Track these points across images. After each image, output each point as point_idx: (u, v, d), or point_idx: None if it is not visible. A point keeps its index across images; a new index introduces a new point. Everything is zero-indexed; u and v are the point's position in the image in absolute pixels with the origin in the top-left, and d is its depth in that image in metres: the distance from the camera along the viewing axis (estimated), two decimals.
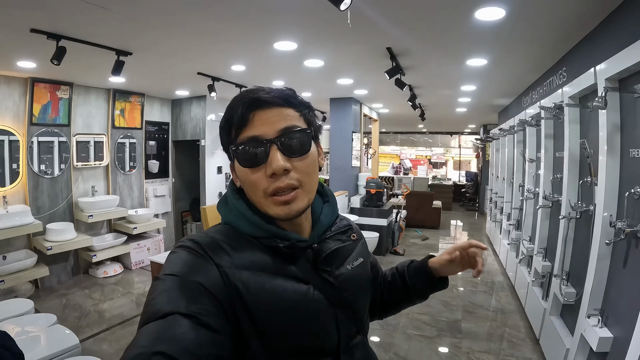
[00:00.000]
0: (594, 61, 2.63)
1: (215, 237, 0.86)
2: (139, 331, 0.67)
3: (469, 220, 11.17)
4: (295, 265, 0.89)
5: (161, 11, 2.91)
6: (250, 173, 0.86)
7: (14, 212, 4.72)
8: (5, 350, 2.02)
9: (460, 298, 5.02)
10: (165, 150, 7.26)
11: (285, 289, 0.84)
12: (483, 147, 11.59)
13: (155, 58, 4.22)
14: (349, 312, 0.95)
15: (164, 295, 0.72)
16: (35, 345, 2.69)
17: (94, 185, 5.92)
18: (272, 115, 0.86)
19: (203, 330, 0.68)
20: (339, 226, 1.03)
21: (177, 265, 0.78)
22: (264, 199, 0.87)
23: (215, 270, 0.78)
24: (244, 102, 0.87)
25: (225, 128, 0.90)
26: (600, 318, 2.47)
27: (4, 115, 4.84)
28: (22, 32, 3.20)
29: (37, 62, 4.26)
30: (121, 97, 6.22)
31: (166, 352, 0.60)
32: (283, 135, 0.85)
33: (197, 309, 0.70)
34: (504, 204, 6.35)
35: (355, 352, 0.96)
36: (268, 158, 0.84)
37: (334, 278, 0.94)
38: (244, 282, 0.80)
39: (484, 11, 2.78)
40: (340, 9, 2.29)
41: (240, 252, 0.85)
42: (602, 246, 2.44)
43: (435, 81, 5.45)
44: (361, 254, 1.07)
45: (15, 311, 3.26)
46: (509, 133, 5.87)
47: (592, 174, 2.73)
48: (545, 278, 3.77)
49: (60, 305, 4.72)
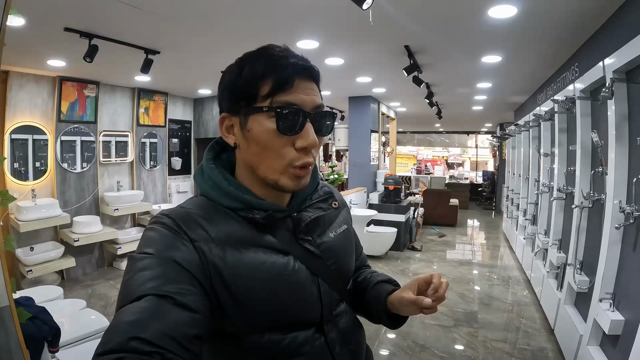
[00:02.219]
0: (603, 55, 2.69)
1: (190, 211, 0.83)
2: (116, 314, 0.65)
3: (486, 218, 11.15)
4: (274, 236, 0.87)
5: (191, 11, 3.04)
6: (278, 139, 0.81)
7: (42, 205, 4.91)
8: (44, 324, 2.17)
9: (476, 291, 5.08)
10: (187, 148, 7.46)
11: (263, 261, 0.82)
12: (499, 145, 11.57)
13: (182, 56, 4.37)
14: (332, 281, 0.94)
15: (139, 275, 0.69)
16: (68, 326, 2.83)
17: (119, 180, 6.12)
18: (311, 87, 0.84)
19: (179, 310, 0.66)
20: (320, 194, 1.00)
21: (151, 242, 0.76)
22: (284, 168, 0.83)
23: (190, 246, 0.76)
24: (294, 65, 0.82)
25: (252, 80, 0.82)
26: (612, 302, 2.52)
27: (33, 113, 5.05)
28: (56, 31, 3.36)
29: (67, 60, 4.45)
30: (145, 96, 6.43)
31: (142, 337, 0.59)
32: (317, 111, 0.84)
33: (172, 288, 0.68)
34: (520, 200, 6.40)
35: (339, 321, 0.95)
36: (302, 131, 0.81)
37: (316, 247, 0.92)
38: (221, 256, 0.78)
39: (497, 9, 2.88)
40: (363, 8, 2.39)
41: (216, 225, 0.82)
42: (613, 232, 2.50)
43: (451, 78, 5.53)
44: (344, 221, 1.05)
45: (45, 297, 3.39)
46: (524, 129, 5.93)
47: (602, 164, 2.80)
48: (559, 269, 3.82)
49: (86, 294, 4.88)
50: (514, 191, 7.17)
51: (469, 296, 4.88)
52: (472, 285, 5.32)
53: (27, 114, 4.99)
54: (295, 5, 2.92)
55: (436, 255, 6.92)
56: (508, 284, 5.39)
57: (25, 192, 4.97)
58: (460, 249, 7.68)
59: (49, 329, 2.20)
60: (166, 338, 0.61)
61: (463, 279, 5.51)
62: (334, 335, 0.92)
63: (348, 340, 0.96)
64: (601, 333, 2.64)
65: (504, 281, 5.48)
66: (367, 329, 1.06)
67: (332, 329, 0.93)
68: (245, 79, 0.83)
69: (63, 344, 2.59)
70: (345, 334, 0.96)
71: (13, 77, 4.83)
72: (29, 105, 5.01)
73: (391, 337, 3.81)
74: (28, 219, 4.70)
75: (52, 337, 2.23)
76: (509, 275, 5.75)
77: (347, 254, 1.03)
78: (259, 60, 0.83)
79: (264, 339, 0.82)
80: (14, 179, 4.91)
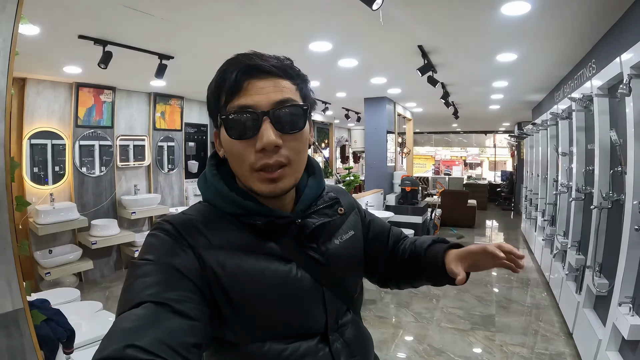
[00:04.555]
0: (620, 50, 2.63)
1: (191, 217, 0.83)
2: (115, 321, 0.65)
3: (504, 219, 11.00)
4: (277, 243, 0.85)
5: (202, 16, 3.07)
6: (238, 145, 0.80)
7: (60, 208, 5.00)
8: (58, 325, 2.21)
9: (494, 294, 5.01)
10: (204, 151, 7.49)
11: (264, 268, 0.81)
12: (518, 145, 11.41)
13: (196, 61, 4.40)
14: (338, 289, 0.92)
15: (138, 282, 0.69)
16: (84, 327, 2.89)
17: (136, 184, 6.20)
18: (267, 85, 0.80)
19: (178, 318, 0.65)
20: (325, 200, 0.96)
21: (151, 249, 0.76)
22: (249, 173, 0.82)
23: (190, 252, 0.76)
24: (238, 67, 0.80)
25: (215, 93, 0.84)
26: (631, 306, 2.46)
27: (50, 118, 5.15)
28: (70, 38, 3.42)
29: (83, 67, 4.52)
30: (161, 100, 6.50)
31: (139, 345, 0.58)
32: (277, 108, 0.79)
33: (171, 295, 0.68)
34: (538, 200, 6.30)
35: (345, 331, 0.93)
36: (259, 131, 0.78)
37: (320, 254, 0.90)
38: (220, 263, 0.77)
39: (509, 6, 2.83)
40: (373, 8, 2.38)
41: (217, 232, 0.81)
42: (632, 233, 2.43)
43: (467, 78, 5.46)
44: (352, 226, 1.03)
45: (62, 299, 3.46)
46: (542, 128, 5.83)
47: (621, 163, 2.73)
48: (579, 271, 3.74)
49: (103, 296, 4.96)
50: (532, 191, 7.06)
51: (486, 299, 4.81)
52: (490, 287, 5.24)
53: (44, 119, 5.09)
54: (307, 8, 2.92)
55: None
56: (526, 286, 5.29)
57: (44, 197, 5.07)
58: None
59: (63, 330, 2.25)
60: (163, 346, 0.60)
61: (481, 282, 5.43)
62: (339, 345, 0.90)
63: (354, 351, 0.93)
64: (620, 338, 2.57)
65: (522, 283, 5.39)
66: (382, 333, 1.04)
67: (337, 339, 0.90)
68: (210, 93, 0.85)
69: (79, 345, 2.63)
70: (351, 344, 0.93)
71: (30, 84, 4.93)
72: (46, 111, 5.11)
73: (408, 339, 3.77)
74: (46, 222, 4.79)
75: (67, 338, 2.28)
76: (527, 277, 5.65)
77: (354, 261, 1.00)
78: (216, 74, 0.85)
79: (264, 348, 0.81)
80: (33, 184, 5.01)
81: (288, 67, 0.85)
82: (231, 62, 0.83)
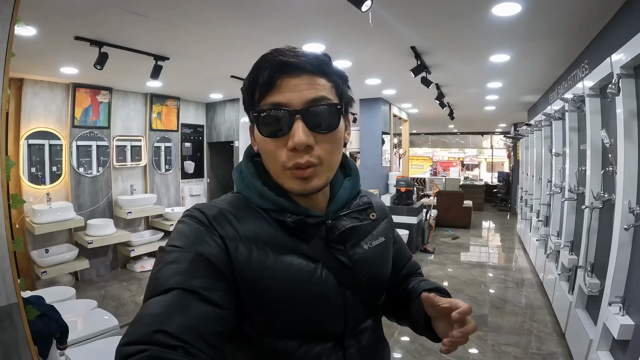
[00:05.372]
0: (612, 51, 2.64)
1: (221, 207, 0.82)
2: (142, 306, 0.65)
3: (501, 220, 11.02)
4: (305, 241, 0.84)
5: (196, 17, 3.09)
6: (270, 142, 0.80)
7: (56, 208, 5.02)
8: (52, 321, 2.23)
9: (488, 294, 5.02)
10: (200, 152, 7.53)
11: (288, 266, 0.80)
12: (514, 146, 11.45)
13: (191, 62, 4.42)
14: (361, 294, 0.89)
15: (167, 268, 0.70)
16: (78, 325, 2.93)
17: (132, 184, 6.22)
18: (301, 82, 0.79)
19: (206, 305, 0.66)
20: (358, 203, 0.94)
21: (181, 236, 0.76)
22: (281, 171, 0.81)
23: (219, 241, 0.76)
24: (272, 64, 0.79)
25: (249, 89, 0.83)
26: (621, 306, 2.46)
27: (47, 119, 5.17)
28: (67, 40, 3.45)
29: (79, 68, 4.54)
30: (158, 101, 6.52)
31: (168, 330, 0.59)
32: (311, 107, 0.78)
33: (200, 283, 0.68)
34: (533, 201, 6.33)
35: (362, 337, 0.90)
36: (291, 130, 0.77)
37: (347, 258, 0.88)
38: (246, 255, 0.77)
39: (501, 6, 2.85)
40: (362, 10, 2.40)
41: (246, 224, 0.81)
42: (622, 233, 2.45)
43: (461, 79, 5.49)
44: (383, 233, 0.99)
45: (58, 297, 3.48)
46: (536, 129, 5.87)
47: (612, 163, 2.75)
48: (571, 271, 3.76)
49: (99, 296, 4.96)
50: (527, 192, 7.10)
51: (480, 299, 4.83)
52: (484, 287, 5.26)
53: (41, 120, 5.11)
54: (300, 8, 2.94)
55: (449, 257, 6.86)
56: (521, 286, 5.31)
57: (41, 196, 5.09)
58: (474, 251, 7.61)
59: (57, 326, 2.29)
60: (191, 333, 0.61)
61: (475, 282, 5.45)
62: (354, 351, 0.88)
63: (369, 358, 0.92)
64: (611, 338, 2.57)
65: (516, 284, 5.41)
66: None
67: (353, 344, 0.88)
68: (245, 89, 0.84)
69: (73, 342, 2.68)
70: (367, 351, 0.91)
71: (27, 85, 4.95)
72: (43, 112, 5.13)
73: (400, 339, 3.79)
74: (43, 221, 4.81)
75: (60, 334, 2.32)
76: (522, 277, 5.68)
77: (382, 268, 0.98)
78: (252, 69, 0.83)
79: (279, 344, 0.80)
80: (30, 184, 5.02)
81: (324, 63, 0.83)
82: (266, 57, 0.82)
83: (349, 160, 0.99)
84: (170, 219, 6.36)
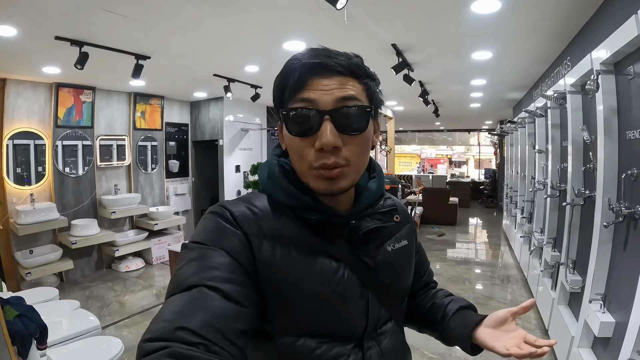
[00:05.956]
0: (592, 47, 2.65)
1: (246, 204, 0.83)
2: (165, 302, 0.66)
3: (487, 217, 11.11)
4: (329, 240, 0.84)
5: (176, 17, 3.07)
6: (298, 142, 0.80)
7: (40, 209, 4.97)
8: (30, 322, 2.21)
9: (472, 291, 5.06)
10: (185, 151, 7.48)
11: (311, 264, 0.80)
12: (500, 143, 11.53)
13: (173, 61, 4.38)
14: (383, 296, 0.90)
15: (190, 265, 0.71)
16: (60, 325, 2.92)
17: (116, 184, 6.16)
18: (332, 83, 0.79)
19: (228, 303, 0.66)
20: (383, 205, 0.95)
21: (205, 232, 0.77)
22: (307, 170, 0.81)
23: (243, 239, 0.76)
24: (303, 64, 0.79)
25: (279, 87, 0.84)
26: (602, 303, 2.47)
27: (30, 119, 5.10)
28: (47, 39, 3.41)
29: (61, 67, 4.49)
30: (142, 100, 6.46)
31: (189, 327, 0.59)
32: (340, 108, 0.78)
33: (223, 280, 0.68)
34: (518, 197, 6.38)
35: (383, 340, 0.90)
36: (319, 130, 0.77)
37: (371, 258, 0.88)
38: (270, 252, 0.78)
39: (479, 3, 2.84)
40: (337, 8, 2.39)
41: (270, 221, 0.81)
42: (603, 230, 2.45)
43: (444, 76, 5.49)
44: (406, 237, 1.00)
45: (41, 297, 3.47)
46: (520, 126, 5.90)
47: (593, 160, 2.76)
48: (554, 268, 3.78)
49: (83, 296, 4.92)
50: (512, 189, 7.14)
51: (464, 296, 4.78)
52: (468, 284, 5.29)
53: (24, 120, 5.04)
54: (280, 6, 2.91)
55: (434, 254, 6.88)
56: (506, 283, 5.35)
57: (24, 197, 5.03)
58: (460, 247, 7.66)
59: (36, 326, 2.30)
60: (212, 330, 0.61)
61: (459, 278, 5.49)
62: (373, 353, 0.87)
63: None
64: (592, 335, 2.59)
65: (501, 280, 5.45)
66: None
67: (373, 346, 0.88)
68: (276, 87, 0.85)
69: (55, 342, 2.69)
70: (387, 355, 0.90)
71: (10, 85, 4.88)
72: (26, 112, 5.06)
73: None
74: (27, 222, 4.77)
75: (40, 334, 2.32)
76: (507, 274, 5.72)
77: (405, 270, 0.99)
78: (284, 67, 0.84)
79: (298, 343, 0.80)
80: (14, 185, 4.97)
81: (355, 65, 0.82)
82: (298, 57, 0.82)
83: (374, 162, 0.99)
84: (155, 218, 6.31)
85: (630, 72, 2.19)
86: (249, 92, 5.83)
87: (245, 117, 7.61)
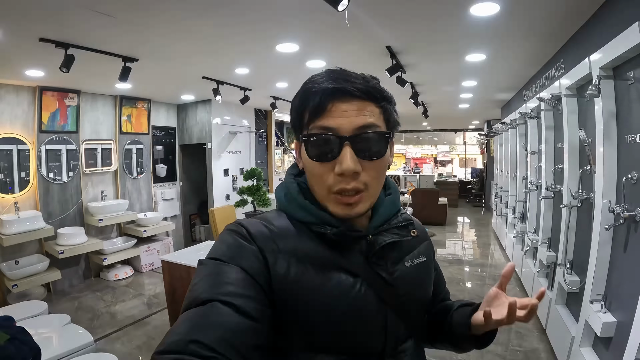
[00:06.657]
0: (589, 51, 2.67)
1: (262, 222, 0.84)
2: (180, 316, 0.67)
3: (475, 216, 11.18)
4: (345, 256, 0.83)
5: (165, 18, 2.98)
6: (318, 166, 0.81)
7: (25, 218, 4.83)
8: (22, 344, 2.12)
9: (466, 292, 5.07)
10: (172, 155, 7.36)
11: (327, 279, 0.79)
12: (487, 143, 11.61)
13: (161, 63, 4.30)
14: (402, 312, 0.88)
15: (205, 280, 0.72)
16: (51, 343, 2.81)
17: (103, 190, 6.02)
18: (351, 108, 0.80)
19: (242, 318, 0.66)
20: (399, 220, 0.94)
21: (220, 249, 0.78)
22: (326, 194, 0.82)
23: (259, 256, 0.77)
24: (324, 90, 0.80)
25: (298, 109, 0.85)
26: (603, 303, 2.49)
27: (13, 124, 4.95)
28: (31, 41, 3.29)
29: (45, 70, 4.36)
30: (128, 103, 6.32)
31: (202, 341, 0.60)
32: (360, 134, 0.79)
33: (237, 296, 0.69)
34: (508, 197, 6.40)
35: (403, 358, 0.88)
36: (339, 156, 0.78)
37: (389, 274, 0.87)
38: (285, 268, 0.77)
39: (479, 6, 2.83)
40: (338, 9, 2.34)
41: (286, 238, 0.81)
42: (602, 232, 2.47)
43: (436, 78, 5.49)
44: (424, 253, 0.98)
45: (29, 312, 3.36)
46: (510, 127, 5.93)
47: (591, 163, 2.77)
48: (550, 268, 3.80)
49: (72, 307, 4.80)
50: (502, 189, 7.18)
51: (459, 296, 4.77)
52: (462, 285, 5.30)
53: (7, 125, 4.89)
54: (272, 8, 2.86)
55: None
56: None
57: (9, 205, 4.88)
58: (450, 247, 7.69)
59: (28, 349, 2.21)
60: (225, 344, 0.62)
61: (453, 279, 5.49)
62: None
63: None
64: (593, 335, 2.61)
65: (494, 280, 5.44)
66: None
67: None
68: (294, 110, 0.87)
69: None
70: None
71: None
72: (9, 117, 4.92)
73: None
74: (11, 232, 4.63)
75: (33, 357, 2.21)
76: (499, 273, 5.64)
77: (423, 286, 0.97)
78: (301, 90, 0.85)
79: (316, 358, 0.79)
80: None
81: (372, 88, 0.83)
82: (317, 79, 0.83)
83: (388, 179, 0.98)
84: (143, 224, 6.18)
85: (630, 77, 2.22)
86: (238, 95, 5.77)
87: (233, 119, 7.53)
